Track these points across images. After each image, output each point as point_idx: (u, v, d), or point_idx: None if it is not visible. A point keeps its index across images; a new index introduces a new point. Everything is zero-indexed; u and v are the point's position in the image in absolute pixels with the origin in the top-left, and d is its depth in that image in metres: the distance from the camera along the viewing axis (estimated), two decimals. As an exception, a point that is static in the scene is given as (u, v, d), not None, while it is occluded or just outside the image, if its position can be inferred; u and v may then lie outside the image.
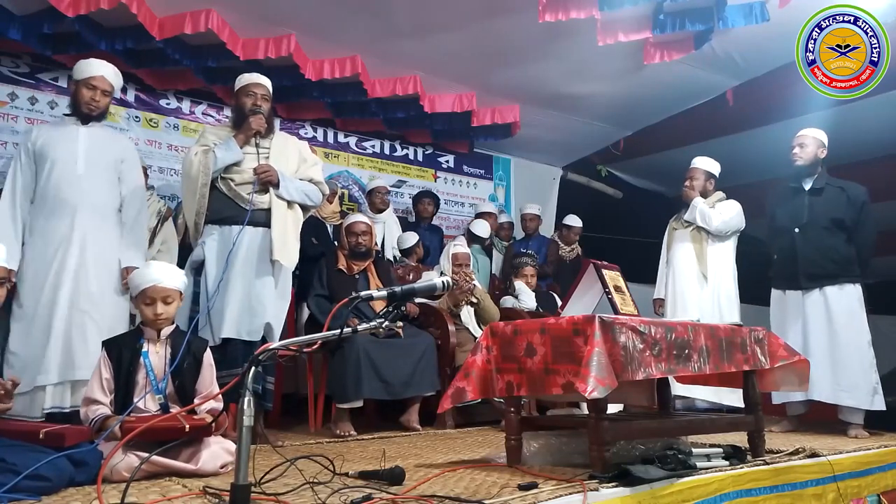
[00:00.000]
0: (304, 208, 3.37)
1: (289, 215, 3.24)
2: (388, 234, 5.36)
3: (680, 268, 4.36)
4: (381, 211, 5.42)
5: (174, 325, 2.50)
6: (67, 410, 2.83)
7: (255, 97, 3.28)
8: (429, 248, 5.32)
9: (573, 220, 6.31)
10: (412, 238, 5.17)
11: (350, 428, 3.55)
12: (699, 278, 4.28)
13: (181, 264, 3.04)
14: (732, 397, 3.82)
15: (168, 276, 2.45)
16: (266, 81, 3.37)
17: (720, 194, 4.40)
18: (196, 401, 2.38)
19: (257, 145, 3.22)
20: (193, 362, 2.46)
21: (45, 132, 3.11)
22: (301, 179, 3.32)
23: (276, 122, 5.47)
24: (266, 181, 3.15)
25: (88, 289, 2.95)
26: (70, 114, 3.14)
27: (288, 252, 3.19)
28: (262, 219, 3.17)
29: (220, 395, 2.37)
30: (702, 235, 4.32)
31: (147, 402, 2.34)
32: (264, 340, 3.13)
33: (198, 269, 3.13)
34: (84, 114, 3.11)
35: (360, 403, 3.62)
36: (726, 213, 4.28)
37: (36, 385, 2.81)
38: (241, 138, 3.21)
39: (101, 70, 3.12)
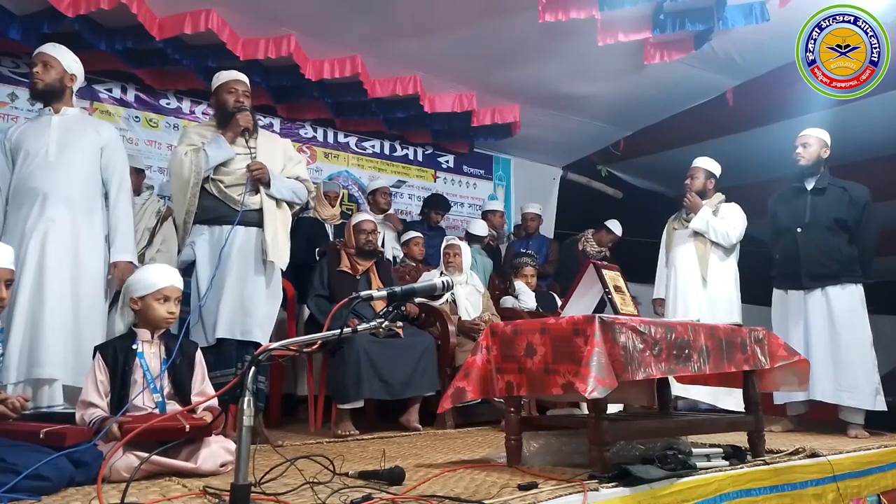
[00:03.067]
0: (291, 207, 3.37)
1: (278, 215, 3.24)
2: (388, 234, 5.36)
3: (681, 268, 4.33)
4: (384, 211, 5.42)
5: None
6: (27, 412, 2.67)
7: (236, 94, 3.25)
8: (431, 248, 5.31)
9: (615, 226, 5.93)
10: (414, 232, 5.19)
11: (352, 427, 3.55)
12: (700, 279, 4.25)
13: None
14: (730, 400, 3.82)
15: (179, 278, 2.54)
16: (245, 78, 3.34)
17: (720, 196, 4.38)
18: (194, 401, 2.40)
19: (247, 143, 3.21)
20: (187, 362, 2.49)
21: (20, 127, 3.05)
22: (288, 178, 3.31)
23: (276, 122, 5.55)
24: (258, 178, 3.15)
25: (50, 282, 2.78)
26: (43, 106, 3.03)
27: (280, 252, 3.19)
28: (254, 219, 3.16)
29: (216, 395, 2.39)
30: (705, 237, 4.27)
31: (144, 402, 2.35)
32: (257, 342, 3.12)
33: (186, 270, 3.07)
34: (31, 90, 3.01)
35: (360, 404, 3.62)
36: (737, 224, 4.21)
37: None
38: (230, 136, 3.19)
39: (42, 47, 3.03)
